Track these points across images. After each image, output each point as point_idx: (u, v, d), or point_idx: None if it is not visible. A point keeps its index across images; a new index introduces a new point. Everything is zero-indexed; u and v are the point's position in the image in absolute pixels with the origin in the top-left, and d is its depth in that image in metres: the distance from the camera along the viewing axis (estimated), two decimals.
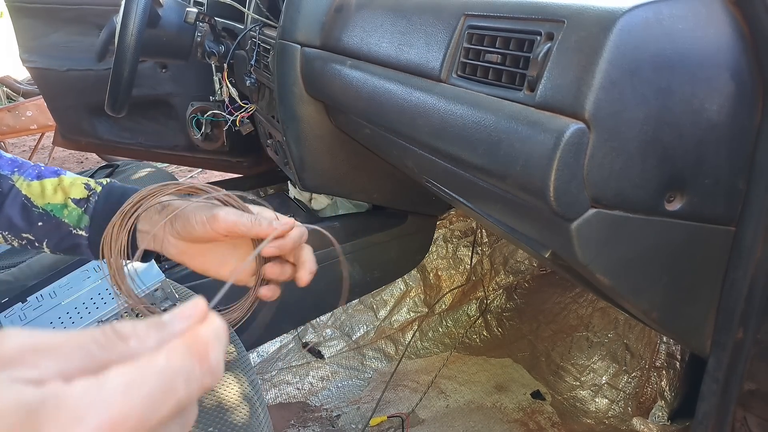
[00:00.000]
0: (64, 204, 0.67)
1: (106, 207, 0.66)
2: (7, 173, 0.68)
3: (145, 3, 1.16)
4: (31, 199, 0.67)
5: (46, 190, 0.67)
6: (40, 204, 0.67)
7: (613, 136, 0.47)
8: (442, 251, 1.68)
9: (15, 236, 0.68)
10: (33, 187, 0.67)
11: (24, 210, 0.67)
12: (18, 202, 0.67)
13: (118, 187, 0.67)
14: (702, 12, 0.48)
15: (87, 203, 0.66)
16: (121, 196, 0.66)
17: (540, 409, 1.39)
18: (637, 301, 0.56)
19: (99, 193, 0.67)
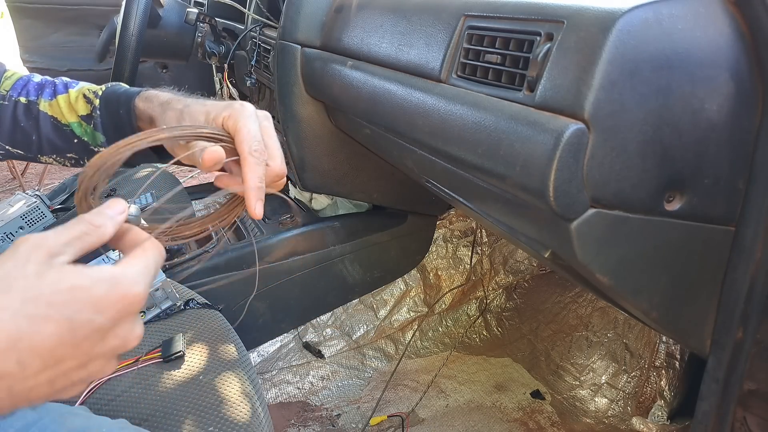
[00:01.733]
0: (78, 122, 0.67)
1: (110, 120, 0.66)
2: (34, 98, 0.69)
3: (145, 3, 1.16)
4: (57, 119, 0.68)
5: (62, 108, 0.68)
6: (66, 122, 0.68)
7: (612, 136, 0.47)
8: (442, 251, 1.68)
9: (62, 157, 0.70)
10: (53, 106, 0.68)
11: (56, 130, 0.68)
12: (49, 123, 0.68)
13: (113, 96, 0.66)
14: (701, 12, 0.48)
15: (92, 119, 0.67)
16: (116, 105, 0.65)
17: (540, 409, 1.39)
18: (637, 300, 0.56)
19: (99, 107, 0.66)
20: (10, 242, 1.25)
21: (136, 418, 0.70)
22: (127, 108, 0.63)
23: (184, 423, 0.68)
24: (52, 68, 1.88)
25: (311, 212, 1.43)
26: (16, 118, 0.69)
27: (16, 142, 0.70)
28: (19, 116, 0.69)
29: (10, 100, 0.69)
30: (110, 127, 0.65)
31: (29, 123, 0.69)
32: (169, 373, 0.76)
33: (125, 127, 0.64)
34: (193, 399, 0.72)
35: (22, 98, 0.69)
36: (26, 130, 0.69)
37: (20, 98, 0.69)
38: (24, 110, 0.69)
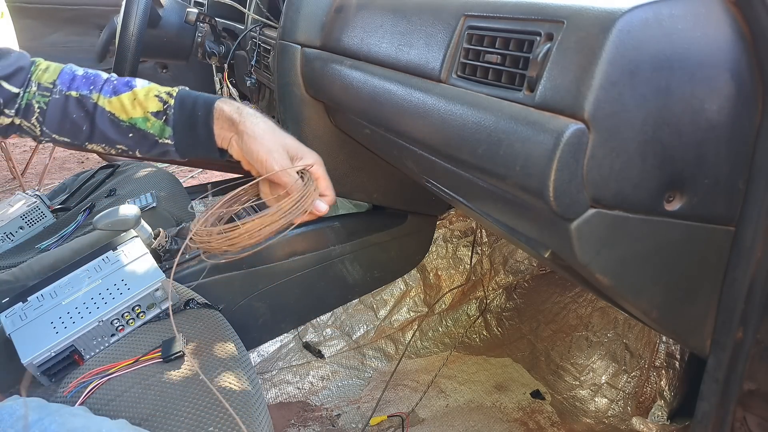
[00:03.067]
0: (145, 117, 0.76)
1: (182, 117, 0.76)
2: (87, 92, 0.76)
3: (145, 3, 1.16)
4: (115, 114, 0.76)
5: (125, 105, 0.76)
6: (125, 118, 0.76)
7: (612, 136, 0.47)
8: (442, 251, 1.68)
9: (111, 147, 0.78)
10: (113, 103, 0.76)
11: (113, 124, 0.76)
12: (105, 118, 0.76)
13: (188, 97, 0.77)
14: (702, 12, 0.48)
15: (165, 115, 0.76)
16: (193, 106, 0.76)
17: (540, 409, 1.39)
18: (637, 300, 0.56)
19: (173, 106, 0.76)
20: (10, 242, 1.25)
21: (136, 418, 0.70)
22: (207, 110, 0.75)
23: (183, 423, 0.68)
24: None
25: None
26: (66, 110, 0.76)
27: (63, 131, 0.77)
28: (70, 109, 0.76)
29: (60, 94, 0.76)
30: (182, 123, 0.76)
31: (81, 115, 0.76)
32: (169, 373, 0.76)
33: (199, 125, 0.76)
34: (193, 399, 0.72)
35: (73, 92, 0.76)
36: (77, 122, 0.77)
37: (71, 92, 0.76)
38: (76, 104, 0.76)
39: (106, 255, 0.95)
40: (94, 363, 0.81)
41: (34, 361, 0.78)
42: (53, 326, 0.83)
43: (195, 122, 0.76)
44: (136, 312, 0.87)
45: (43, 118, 0.77)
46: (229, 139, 0.75)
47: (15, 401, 0.61)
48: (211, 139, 0.76)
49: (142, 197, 1.30)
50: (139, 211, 1.06)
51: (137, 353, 0.81)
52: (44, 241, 1.21)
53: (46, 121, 0.77)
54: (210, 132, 0.75)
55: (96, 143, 0.78)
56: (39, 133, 0.78)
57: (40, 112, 0.76)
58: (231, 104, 0.76)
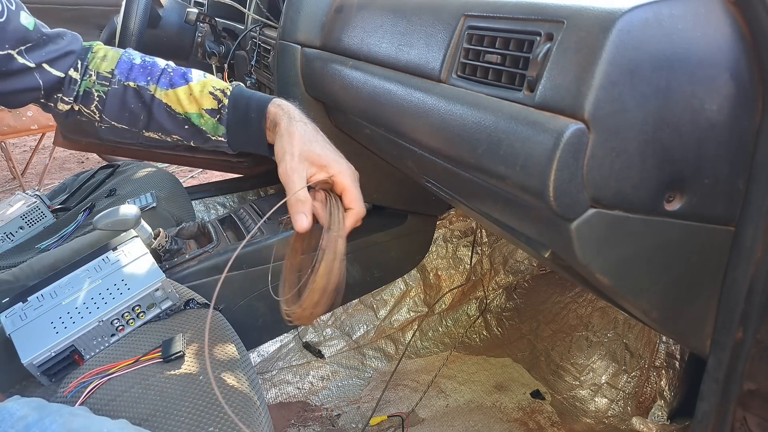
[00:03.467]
0: (199, 114, 0.77)
1: (236, 117, 0.77)
2: (144, 84, 0.78)
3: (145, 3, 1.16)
4: (171, 107, 0.78)
5: (181, 99, 0.77)
6: (181, 111, 0.78)
7: (612, 136, 0.47)
8: (442, 251, 1.68)
9: (167, 135, 0.80)
10: (170, 96, 0.77)
11: (169, 116, 0.78)
12: (162, 109, 0.78)
13: (242, 97, 0.78)
14: (701, 12, 0.48)
15: (219, 114, 0.77)
16: (246, 106, 0.77)
17: (540, 409, 1.39)
18: (637, 300, 0.56)
19: (227, 106, 0.77)
20: (10, 242, 1.25)
21: (136, 418, 0.70)
22: (260, 113, 0.76)
23: (184, 423, 0.68)
24: None
25: None
26: (125, 101, 0.78)
27: (122, 119, 0.79)
28: (128, 99, 0.78)
29: (119, 84, 0.78)
30: (235, 123, 0.77)
31: (139, 105, 0.78)
32: (169, 373, 0.76)
33: (252, 126, 0.76)
34: (193, 399, 0.72)
35: (131, 83, 0.78)
36: (135, 111, 0.78)
37: (129, 83, 0.78)
38: (134, 94, 0.78)
39: (106, 255, 0.95)
40: (94, 363, 0.81)
41: (34, 361, 0.78)
42: (53, 326, 0.83)
43: (248, 123, 0.77)
44: (136, 312, 0.87)
45: (103, 107, 0.79)
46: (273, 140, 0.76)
47: (15, 401, 0.61)
48: (263, 140, 0.77)
49: (142, 197, 1.30)
50: (139, 211, 1.06)
51: (137, 353, 0.81)
52: (44, 241, 1.21)
53: (105, 109, 0.79)
54: (262, 133, 0.76)
55: (153, 131, 0.80)
56: (99, 120, 0.80)
57: (99, 101, 0.78)
58: (282, 107, 0.75)
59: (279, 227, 1.32)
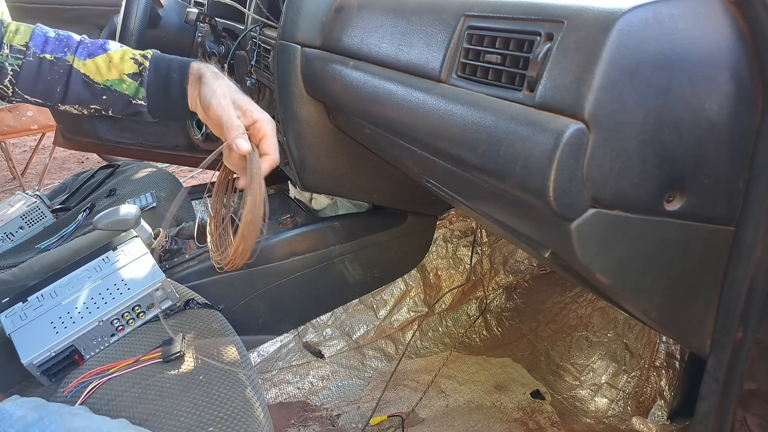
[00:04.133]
0: (120, 79, 0.78)
1: (157, 79, 0.78)
2: (61, 55, 0.77)
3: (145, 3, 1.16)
4: (90, 76, 0.77)
5: (100, 68, 0.77)
6: (100, 80, 0.77)
7: (612, 136, 0.47)
8: (442, 251, 1.68)
9: (84, 107, 0.80)
10: (88, 65, 0.77)
11: (87, 86, 0.77)
12: (80, 80, 0.77)
13: (162, 60, 0.80)
14: (701, 12, 0.48)
15: (140, 77, 0.78)
16: (168, 68, 0.79)
17: (540, 409, 1.39)
18: (637, 300, 0.56)
19: (148, 68, 0.79)
20: (10, 242, 1.25)
21: (136, 418, 0.70)
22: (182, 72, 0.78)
23: (183, 423, 0.68)
24: None
25: (311, 212, 1.43)
26: (40, 73, 0.77)
27: (36, 92, 0.78)
28: (44, 71, 0.77)
29: (34, 56, 0.77)
30: (156, 84, 0.78)
31: (55, 77, 0.77)
32: (168, 373, 0.76)
33: (173, 86, 0.78)
34: (193, 399, 0.72)
35: (48, 55, 0.77)
36: (50, 83, 0.78)
37: (45, 55, 0.77)
38: (50, 66, 0.77)
39: (106, 255, 0.95)
40: (94, 363, 0.81)
41: (34, 361, 0.78)
42: (53, 326, 0.83)
43: (169, 83, 0.78)
44: (136, 312, 0.87)
45: (16, 80, 0.77)
46: (195, 96, 0.77)
47: (14, 401, 0.61)
48: (184, 99, 0.78)
49: (142, 197, 1.30)
50: (139, 211, 1.06)
51: (137, 353, 0.81)
52: (44, 241, 1.21)
53: (18, 82, 0.77)
54: (184, 93, 0.77)
55: (69, 104, 0.79)
56: (11, 94, 0.78)
57: (13, 74, 0.77)
58: (205, 65, 0.78)
59: (278, 227, 1.32)
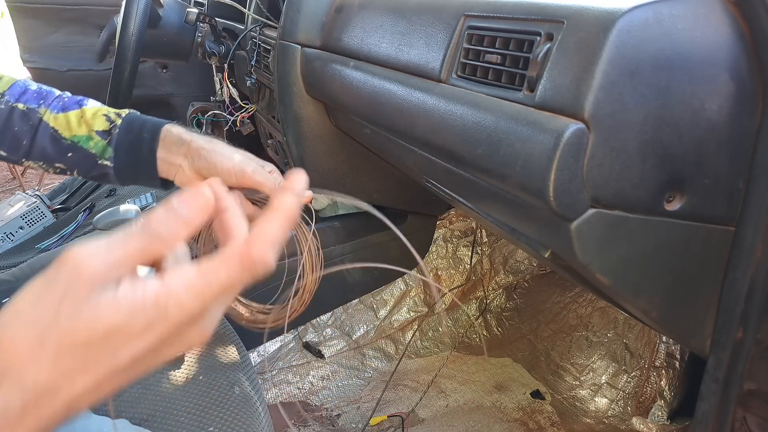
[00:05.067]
0: (89, 136, 0.72)
1: (127, 138, 0.71)
2: (35, 106, 0.73)
3: (145, 3, 1.16)
4: (59, 131, 0.72)
5: (71, 122, 0.72)
6: (68, 136, 0.72)
7: (612, 136, 0.47)
8: (442, 251, 1.68)
9: (49, 165, 0.74)
10: (59, 119, 0.72)
11: (54, 141, 0.72)
12: (47, 134, 0.72)
13: (137, 120, 0.72)
14: (701, 12, 0.48)
15: (110, 135, 0.72)
16: (140, 128, 0.71)
17: (540, 409, 1.39)
18: (637, 300, 0.56)
19: (120, 126, 0.72)
20: (10, 242, 1.25)
21: (136, 418, 0.70)
22: (153, 132, 0.70)
23: (184, 423, 0.68)
24: (51, 68, 1.88)
25: (311, 212, 1.43)
26: (9, 122, 0.72)
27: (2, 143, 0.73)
28: (14, 121, 0.72)
29: (6, 105, 0.72)
30: (126, 145, 0.71)
31: (24, 129, 0.72)
32: (169, 373, 0.76)
33: (143, 147, 0.70)
34: (194, 399, 0.72)
35: (21, 105, 0.72)
36: (18, 135, 0.72)
37: (18, 104, 0.73)
38: (21, 116, 0.72)
39: None
40: None
41: None
42: None
43: (139, 144, 0.70)
44: None
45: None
46: (178, 165, 0.69)
47: None
48: (152, 163, 0.70)
49: (142, 197, 1.30)
50: (139, 211, 1.06)
51: None
52: (44, 241, 1.21)
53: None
54: (153, 156, 0.69)
55: (34, 160, 0.74)
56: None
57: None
58: (181, 128, 0.71)
59: None
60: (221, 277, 0.31)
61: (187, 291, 0.30)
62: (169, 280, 0.30)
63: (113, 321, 0.29)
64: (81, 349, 0.29)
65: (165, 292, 0.30)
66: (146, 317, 0.30)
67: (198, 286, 0.31)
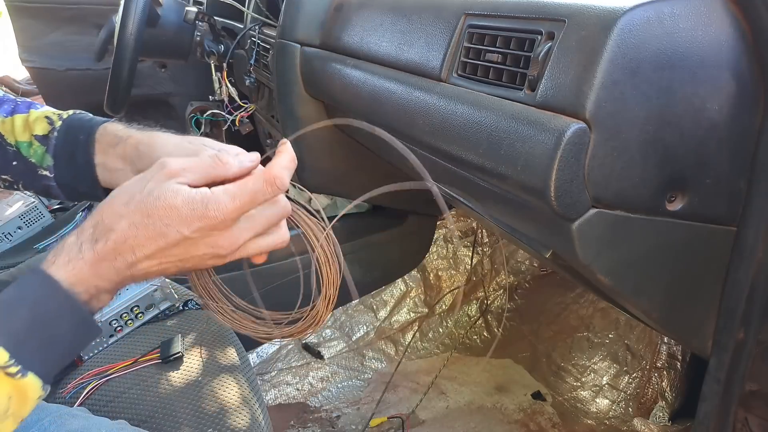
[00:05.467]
0: (29, 142, 0.62)
1: (67, 145, 0.61)
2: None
3: (144, 2, 1.16)
4: (5, 137, 0.63)
5: (16, 126, 0.63)
6: (12, 141, 0.63)
7: (614, 135, 0.47)
8: (442, 251, 1.68)
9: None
10: (6, 123, 0.63)
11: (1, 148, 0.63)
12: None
13: (77, 120, 0.63)
14: (703, 11, 0.48)
15: (47, 141, 0.62)
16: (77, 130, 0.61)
17: (541, 410, 1.39)
18: (638, 301, 0.56)
19: (59, 129, 0.62)
20: (8, 242, 1.25)
21: (135, 419, 0.69)
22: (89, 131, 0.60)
23: (183, 424, 0.68)
24: (50, 67, 1.88)
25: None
26: None
27: None
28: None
29: None
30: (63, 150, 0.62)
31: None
32: (167, 374, 0.76)
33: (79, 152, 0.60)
34: (192, 400, 0.71)
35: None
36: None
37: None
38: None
39: None
40: (92, 364, 0.80)
41: None
42: None
43: (75, 148, 0.60)
44: (134, 313, 0.86)
45: None
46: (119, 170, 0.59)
47: None
48: (91, 173, 0.59)
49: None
50: None
51: (136, 354, 0.80)
52: (42, 241, 1.21)
53: None
54: (90, 162, 0.59)
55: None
56: None
57: None
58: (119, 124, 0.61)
59: None
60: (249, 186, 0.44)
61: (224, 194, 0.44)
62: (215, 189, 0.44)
63: (172, 203, 0.43)
64: (147, 218, 0.43)
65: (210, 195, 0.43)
66: (194, 207, 0.43)
67: (232, 190, 0.44)
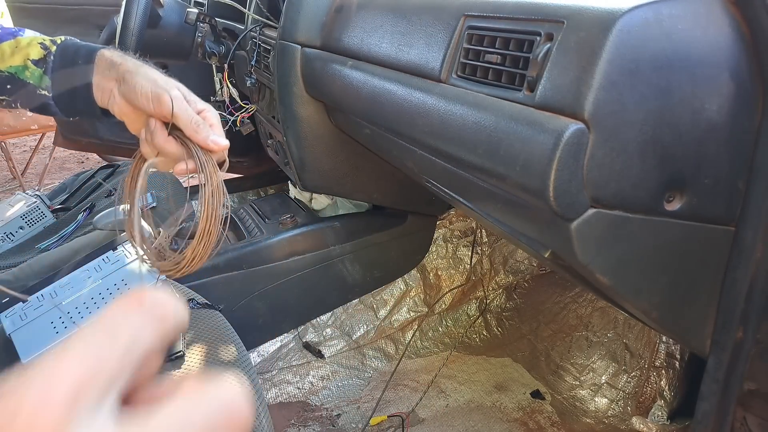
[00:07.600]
0: (24, 66, 0.69)
1: (63, 65, 0.68)
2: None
3: (145, 3, 1.16)
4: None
5: (4, 52, 0.69)
6: (3, 67, 0.69)
7: (612, 136, 0.47)
8: (442, 251, 1.68)
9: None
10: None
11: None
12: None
13: (71, 46, 0.70)
14: (702, 12, 0.48)
15: (45, 64, 0.69)
16: (75, 54, 0.68)
17: (540, 409, 1.39)
18: (637, 300, 0.56)
19: (54, 53, 0.69)
20: (10, 242, 1.25)
21: None
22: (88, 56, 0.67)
23: None
24: None
25: (311, 212, 1.43)
26: None
27: None
28: None
29: None
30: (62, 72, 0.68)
31: None
32: (169, 373, 0.76)
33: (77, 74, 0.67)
34: None
35: None
36: None
37: None
38: None
39: (106, 255, 0.95)
40: None
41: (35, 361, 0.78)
42: (53, 326, 0.82)
43: (74, 71, 0.68)
44: None
45: None
46: (110, 90, 0.66)
47: None
48: (89, 92, 0.67)
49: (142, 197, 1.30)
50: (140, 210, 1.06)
51: None
52: (44, 241, 1.21)
53: None
54: (88, 84, 0.66)
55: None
56: None
57: None
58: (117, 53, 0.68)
59: (278, 227, 1.32)
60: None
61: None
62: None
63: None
64: None
65: None
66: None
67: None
